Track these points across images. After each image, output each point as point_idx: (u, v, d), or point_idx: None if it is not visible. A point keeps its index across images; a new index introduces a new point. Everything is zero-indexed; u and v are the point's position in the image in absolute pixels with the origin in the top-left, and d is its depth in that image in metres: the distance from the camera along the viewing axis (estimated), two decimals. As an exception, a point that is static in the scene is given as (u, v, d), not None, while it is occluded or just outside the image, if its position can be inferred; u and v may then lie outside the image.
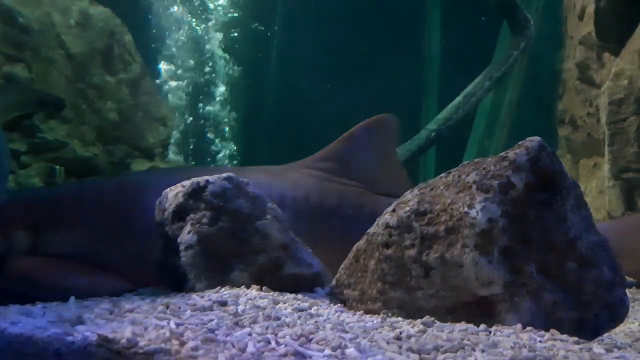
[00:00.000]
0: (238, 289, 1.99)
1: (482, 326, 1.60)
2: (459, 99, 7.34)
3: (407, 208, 1.83)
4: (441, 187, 1.86)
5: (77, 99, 4.37)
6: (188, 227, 2.15)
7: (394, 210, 1.88)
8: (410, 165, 6.84)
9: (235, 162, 9.48)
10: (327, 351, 1.28)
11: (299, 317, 1.61)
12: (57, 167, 3.99)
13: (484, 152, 7.75)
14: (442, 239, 1.75)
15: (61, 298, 1.89)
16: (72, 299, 1.81)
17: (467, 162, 1.94)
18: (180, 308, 1.64)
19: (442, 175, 1.93)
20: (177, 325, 1.44)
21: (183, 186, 2.22)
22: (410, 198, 1.88)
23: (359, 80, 8.26)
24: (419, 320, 1.65)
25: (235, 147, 9.52)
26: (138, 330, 1.37)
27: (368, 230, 1.94)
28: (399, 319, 1.73)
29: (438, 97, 8.44)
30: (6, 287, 2.17)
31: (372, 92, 7.70)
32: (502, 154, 1.86)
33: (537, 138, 1.85)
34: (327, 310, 1.79)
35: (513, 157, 1.79)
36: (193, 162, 8.57)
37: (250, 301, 1.78)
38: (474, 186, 1.78)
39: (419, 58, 8.79)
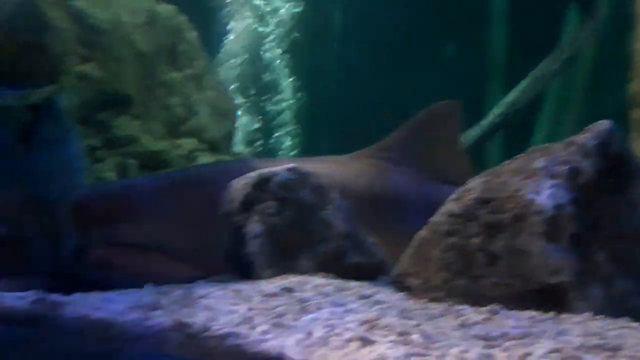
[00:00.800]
0: (303, 276, 2.04)
1: (551, 314, 1.58)
2: (525, 82, 7.13)
3: (472, 196, 1.82)
4: (507, 174, 1.83)
5: (146, 95, 4.55)
6: (254, 218, 2.22)
7: (457, 199, 1.88)
8: (474, 152, 6.72)
9: (294, 152, 9.59)
10: (392, 337, 1.30)
11: (364, 304, 1.64)
12: (129, 161, 4.18)
13: (552, 137, 7.48)
14: (508, 227, 1.73)
15: (137, 285, 2.00)
16: (148, 286, 1.91)
17: (534, 147, 1.91)
18: (249, 294, 1.71)
19: (508, 161, 1.91)
20: (248, 310, 1.50)
21: (249, 178, 2.29)
22: (475, 186, 1.86)
23: (420, 66, 8.15)
24: (484, 308, 1.64)
25: (296, 138, 9.62)
26: (211, 315, 1.44)
27: (431, 219, 1.94)
28: (464, 306, 1.72)
29: (503, 81, 8.21)
30: (86, 276, 2.30)
31: (435, 77, 7.58)
32: (571, 138, 1.82)
33: (606, 121, 1.79)
34: (391, 298, 1.81)
35: (582, 141, 1.74)
36: (256, 154, 8.73)
37: (315, 288, 1.83)
38: (542, 172, 1.75)
39: (483, 40, 8.57)
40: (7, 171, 2.29)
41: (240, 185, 2.31)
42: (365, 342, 1.27)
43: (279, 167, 2.31)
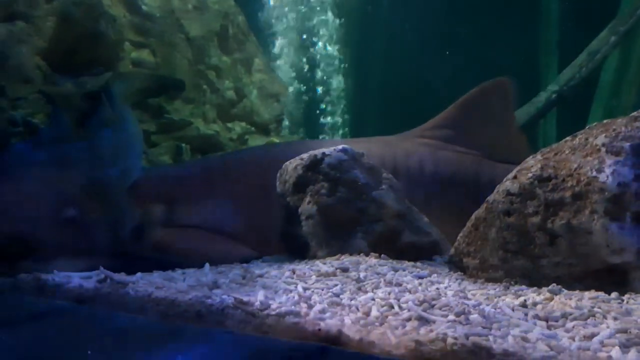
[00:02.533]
0: (357, 256, 2.05)
1: (614, 294, 1.53)
2: (582, 56, 6.86)
3: (530, 174, 1.78)
4: (566, 151, 1.78)
5: (198, 79, 4.61)
6: (307, 198, 2.24)
7: (515, 177, 1.83)
8: (529, 129, 6.53)
9: (342, 132, 9.56)
10: (451, 316, 1.30)
11: (420, 284, 1.63)
12: (183, 144, 4.26)
13: (611, 113, 7.19)
14: (569, 205, 1.68)
15: (196, 264, 2.05)
16: (207, 265, 1.96)
17: (594, 124, 1.84)
18: (305, 274, 1.72)
19: (567, 138, 1.85)
20: (304, 289, 1.52)
21: (302, 159, 2.30)
22: (533, 164, 1.82)
23: (471, 42, 7.94)
24: (544, 288, 1.61)
25: (346, 118, 9.59)
26: (269, 294, 1.47)
27: (487, 198, 1.91)
28: (523, 286, 1.69)
29: (558, 56, 7.92)
30: (145, 256, 2.37)
31: (486, 53, 7.37)
32: (634, 113, 1.75)
33: (674, 95, 1.71)
34: (447, 278, 1.79)
35: (647, 116, 1.67)
36: (305, 136, 8.76)
37: (370, 268, 1.83)
38: (603, 149, 1.69)
39: (536, 14, 8.27)
40: (69, 156, 2.37)
41: (292, 166, 2.33)
42: (424, 321, 1.27)
43: (330, 148, 2.31)
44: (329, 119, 9.59)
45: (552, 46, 8.18)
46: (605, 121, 1.85)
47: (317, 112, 9.52)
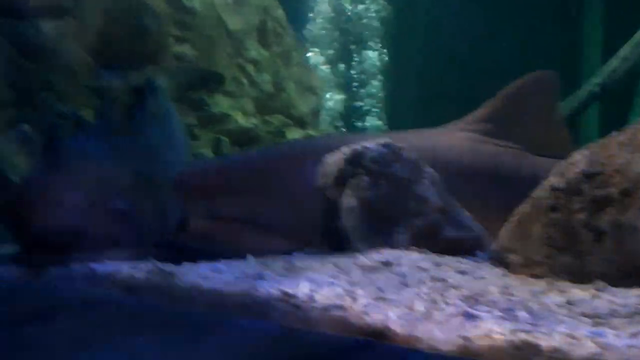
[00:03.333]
0: (398, 250, 2.05)
1: (662, 292, 1.51)
2: (626, 48, 6.68)
3: (576, 170, 1.76)
4: (614, 147, 1.75)
5: (237, 73, 4.67)
6: (348, 192, 2.25)
7: (561, 172, 1.81)
8: (570, 123, 6.41)
9: (379, 123, 9.53)
10: (497, 313, 1.30)
11: (464, 279, 1.63)
12: (223, 138, 4.33)
13: (657, 107, 7.00)
14: (616, 202, 1.65)
15: (239, 256, 2.09)
16: (251, 256, 1.99)
17: (644, 118, 1.81)
18: (348, 267, 1.74)
19: (615, 133, 1.81)
20: (348, 283, 1.54)
21: (343, 152, 2.32)
22: (580, 159, 1.79)
23: (511, 34, 7.81)
24: (590, 285, 1.59)
25: (383, 110, 9.56)
26: (314, 286, 1.49)
27: (532, 194, 1.89)
28: (568, 283, 1.68)
29: (601, 48, 7.72)
30: (190, 246, 2.42)
31: (527, 45, 7.24)
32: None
33: None
34: (491, 274, 1.79)
35: (700, 111, 1.63)
36: (343, 129, 8.77)
37: (412, 262, 1.84)
38: (653, 145, 1.65)
39: (580, 4, 8.07)
40: (117, 149, 2.44)
41: (333, 160, 2.35)
42: (470, 317, 1.27)
43: (372, 142, 2.32)
44: (367, 112, 9.57)
45: (595, 37, 7.98)
46: (655, 116, 1.81)
47: (355, 105, 9.51)
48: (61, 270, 1.90)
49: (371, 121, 9.44)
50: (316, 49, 9.04)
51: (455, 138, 3.01)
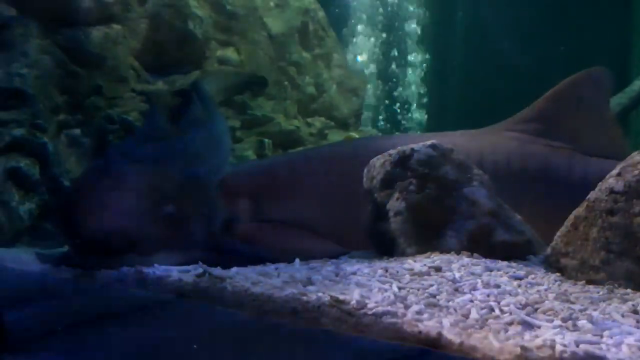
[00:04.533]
0: (448, 254, 2.01)
1: None
2: (680, 43, 6.41)
3: (636, 172, 1.69)
4: (678, 147, 1.67)
5: (279, 76, 4.68)
6: (396, 195, 2.22)
7: (619, 174, 1.74)
8: (620, 121, 6.18)
9: (423, 126, 9.43)
10: (557, 322, 1.25)
11: (519, 286, 1.58)
12: (266, 140, 4.35)
13: None
14: (680, 205, 1.58)
15: (286, 260, 2.08)
16: (298, 260, 1.98)
17: None
18: (398, 272, 1.71)
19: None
20: (399, 289, 1.51)
21: (389, 155, 2.28)
22: (639, 160, 1.72)
23: (557, 30, 7.59)
24: (654, 293, 1.52)
25: (424, 112, 9.46)
26: (364, 292, 1.47)
27: (588, 197, 1.82)
28: (629, 290, 1.61)
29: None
30: (237, 250, 2.43)
31: (575, 41, 7.02)
32: None
33: None
34: (546, 279, 1.73)
35: None
36: (384, 131, 8.71)
37: (464, 267, 1.79)
38: None
39: (629, 1, 7.80)
40: (166, 153, 2.47)
41: (380, 162, 2.31)
42: (528, 326, 1.23)
43: (419, 144, 2.28)
44: (410, 114, 9.48)
45: (646, 32, 7.70)
46: None
47: (398, 106, 9.44)
48: (112, 273, 1.93)
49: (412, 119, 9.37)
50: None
51: (502, 138, 2.93)
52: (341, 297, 1.42)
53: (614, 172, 1.77)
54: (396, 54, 9.43)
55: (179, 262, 1.98)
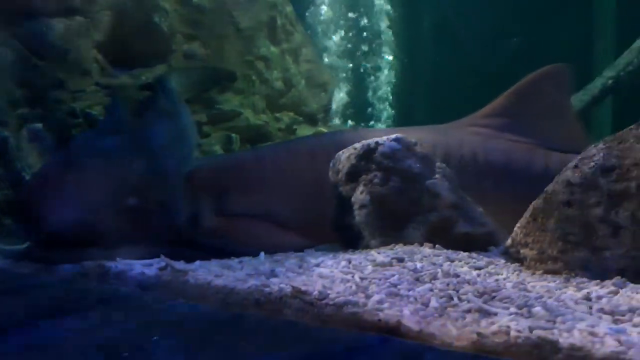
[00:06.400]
0: (411, 246, 2.03)
1: (683, 288, 1.48)
2: (640, 41, 6.58)
3: (592, 164, 1.73)
4: (631, 140, 1.72)
5: (247, 70, 4.65)
6: (361, 188, 2.24)
7: (576, 167, 1.78)
8: (582, 117, 6.33)
9: (389, 122, 9.49)
10: (513, 309, 1.28)
11: (479, 275, 1.61)
12: (233, 135, 4.32)
13: (671, 100, 6.90)
14: (634, 196, 1.63)
15: (251, 253, 2.08)
16: (263, 254, 1.98)
17: (661, 111, 1.77)
18: (361, 263, 1.73)
19: (632, 127, 1.78)
20: (362, 279, 1.52)
21: (355, 148, 2.30)
22: (595, 153, 1.76)
23: (523, 27, 7.72)
24: (608, 281, 1.57)
25: (391, 108, 9.52)
26: (327, 283, 1.48)
27: (546, 189, 1.86)
28: (584, 279, 1.65)
29: (615, 40, 7.63)
30: (202, 244, 2.42)
31: (539, 38, 7.16)
32: None
33: None
34: (505, 269, 1.77)
35: None
36: (352, 125, 8.74)
37: (425, 258, 1.82)
38: (672, 137, 1.62)
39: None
40: (128, 146, 2.44)
41: (346, 156, 2.33)
42: (485, 313, 1.25)
43: (384, 137, 2.30)
44: (377, 107, 9.53)
45: (608, 29, 7.88)
46: (672, 108, 1.78)
47: (366, 101, 9.47)
48: (73, 268, 1.90)
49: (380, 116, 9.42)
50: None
51: (467, 133, 2.98)
52: (303, 288, 1.43)
53: (571, 164, 1.81)
54: (365, 49, 9.46)
55: (142, 256, 1.97)
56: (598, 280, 1.60)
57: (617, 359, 1.03)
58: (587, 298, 1.39)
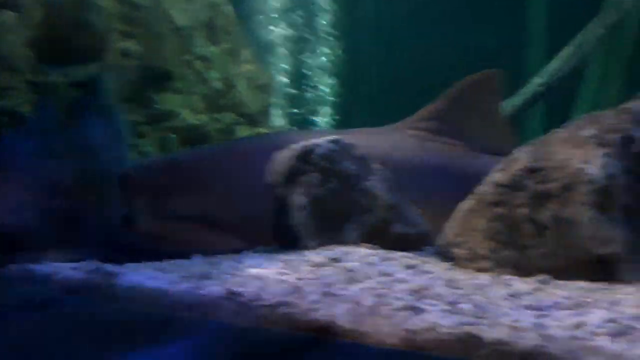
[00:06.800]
0: (348, 247, 2.06)
1: (601, 284, 1.56)
2: (569, 48, 6.91)
3: (519, 166, 1.80)
4: (555, 143, 1.80)
5: (185, 70, 4.57)
6: (299, 189, 2.24)
7: (504, 168, 1.85)
8: (514, 121, 6.58)
9: (331, 124, 9.56)
10: (442, 306, 1.31)
11: (411, 274, 1.65)
12: (171, 135, 4.24)
13: (597, 106, 7.27)
14: (557, 197, 1.70)
15: (185, 256, 2.05)
16: (198, 256, 1.95)
17: (583, 116, 1.87)
18: (297, 264, 1.73)
19: (556, 130, 1.87)
20: (297, 279, 1.53)
21: (293, 149, 2.30)
22: (522, 155, 1.83)
23: (458, 34, 7.96)
24: (533, 278, 1.63)
25: (333, 110, 9.59)
26: (262, 284, 1.47)
27: (476, 190, 1.93)
28: (512, 277, 1.71)
29: (545, 48, 7.97)
30: (134, 247, 2.37)
31: (474, 44, 7.41)
32: (622, 105, 1.77)
33: (662, 88, 1.74)
34: (437, 268, 1.81)
35: (636, 109, 1.69)
36: (294, 127, 8.75)
37: (361, 258, 1.84)
38: (592, 141, 1.71)
39: (523, 5, 8.32)
40: (56, 146, 2.35)
41: (283, 157, 2.33)
42: (416, 311, 1.28)
43: (321, 139, 2.32)
44: (317, 108, 9.57)
45: (539, 38, 8.23)
46: (593, 113, 1.87)
47: (306, 104, 9.50)
48: (-2, 272, 1.82)
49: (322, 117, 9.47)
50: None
51: (402, 136, 3.05)
52: (238, 289, 1.42)
53: (499, 166, 1.88)
54: (307, 49, 9.49)
55: (72, 259, 1.90)
56: (524, 278, 1.66)
57: (538, 353, 1.07)
58: (513, 295, 1.45)
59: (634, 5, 7.03)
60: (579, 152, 1.72)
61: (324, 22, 9.46)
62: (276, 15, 9.07)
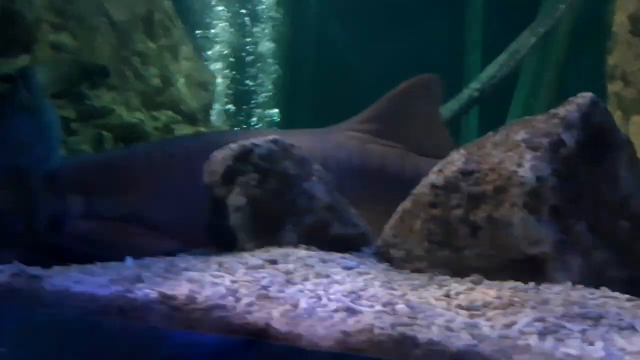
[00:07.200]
0: (286, 248, 2.04)
1: (532, 284, 1.60)
2: (503, 56, 7.16)
3: (454, 168, 1.83)
4: (489, 146, 1.84)
5: (121, 66, 4.43)
6: (237, 189, 2.20)
7: (440, 170, 1.88)
8: (452, 125, 6.75)
9: (272, 124, 9.53)
10: (378, 307, 1.31)
11: (348, 275, 1.64)
12: (105, 133, 4.10)
13: (530, 111, 7.55)
14: (490, 199, 1.74)
15: (117, 258, 1.97)
16: (129, 258, 1.89)
17: (515, 120, 1.92)
18: (233, 267, 1.70)
19: (490, 134, 1.91)
20: (232, 282, 1.50)
21: (231, 149, 2.26)
22: (457, 158, 1.87)
23: (398, 38, 8.11)
24: (466, 279, 1.66)
25: (276, 110, 9.56)
26: (195, 287, 1.43)
27: (413, 191, 1.95)
28: (447, 277, 1.74)
29: (481, 55, 8.22)
30: (63, 248, 2.26)
31: (415, 51, 7.56)
32: (553, 110, 1.83)
33: (589, 94, 1.81)
34: (375, 269, 1.82)
35: (564, 113, 1.75)
36: (234, 126, 8.66)
37: (299, 260, 1.83)
38: (523, 144, 1.76)
39: (461, 13, 8.56)
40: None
41: (221, 156, 2.28)
42: (352, 312, 1.27)
43: (260, 139, 2.29)
44: (258, 110, 9.52)
45: (475, 45, 8.47)
46: (525, 118, 1.93)
47: (248, 103, 9.43)
48: None
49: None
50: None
51: (342, 137, 3.06)
52: (170, 292, 1.38)
53: (436, 168, 1.91)
54: (249, 49, 9.42)
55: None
56: (458, 278, 1.69)
57: (470, 352, 1.09)
58: (447, 295, 1.47)
59: (566, 15, 7.35)
60: (511, 155, 1.77)
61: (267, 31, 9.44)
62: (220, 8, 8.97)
